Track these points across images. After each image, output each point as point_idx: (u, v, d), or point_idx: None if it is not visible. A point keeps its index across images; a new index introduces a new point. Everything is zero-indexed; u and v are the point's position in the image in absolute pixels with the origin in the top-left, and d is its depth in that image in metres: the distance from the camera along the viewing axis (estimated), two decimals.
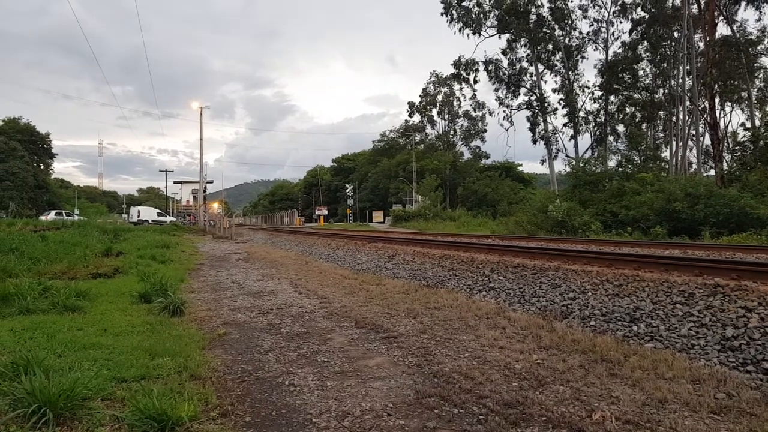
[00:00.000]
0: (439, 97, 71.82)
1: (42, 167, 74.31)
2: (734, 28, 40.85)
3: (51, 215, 45.23)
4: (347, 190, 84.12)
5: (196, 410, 3.40)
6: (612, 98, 49.62)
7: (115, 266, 11.68)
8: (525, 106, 52.66)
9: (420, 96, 73.45)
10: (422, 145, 75.89)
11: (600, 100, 50.22)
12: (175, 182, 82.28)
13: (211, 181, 71.55)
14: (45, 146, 74.40)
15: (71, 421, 3.25)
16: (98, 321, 6.26)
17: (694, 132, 42.12)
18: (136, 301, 7.78)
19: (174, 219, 59.54)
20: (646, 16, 45.23)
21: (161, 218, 55.08)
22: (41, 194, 67.21)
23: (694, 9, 37.36)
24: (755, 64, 42.96)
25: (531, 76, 52.38)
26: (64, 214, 45.57)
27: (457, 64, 55.89)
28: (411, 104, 74.26)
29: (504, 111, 54.18)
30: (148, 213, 56.87)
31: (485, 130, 67.49)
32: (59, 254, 12.32)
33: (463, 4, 50.38)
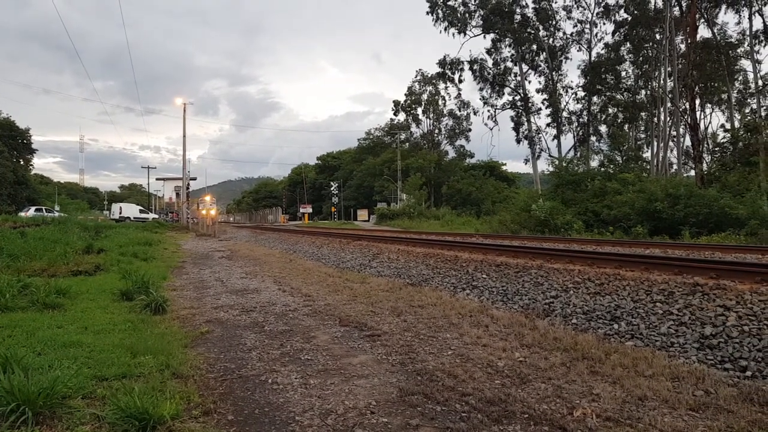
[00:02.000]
0: (425, 96, 72.04)
1: (22, 163, 73.03)
2: (715, 30, 41.44)
3: (31, 211, 44.55)
4: (332, 188, 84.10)
5: (178, 409, 3.37)
6: (595, 99, 50.11)
7: (96, 263, 11.54)
8: (509, 106, 53.04)
9: (405, 95, 73.65)
10: (407, 144, 76.10)
11: (583, 101, 50.71)
12: (157, 179, 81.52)
13: (195, 178, 70.78)
14: (25, 141, 73.15)
15: (51, 419, 3.21)
16: (79, 319, 6.19)
17: (675, 133, 42.64)
18: (117, 299, 7.70)
19: (156, 216, 59.01)
20: (629, 18, 45.68)
21: (143, 215, 54.51)
22: (21, 190, 66.07)
23: (676, 11, 37.84)
24: (735, 67, 43.57)
25: (515, 76, 52.74)
26: (44, 210, 44.89)
27: (442, 63, 55.99)
28: (396, 103, 74.39)
29: (488, 110, 54.53)
30: (130, 210, 56.21)
31: (470, 130, 67.93)
32: (39, 251, 12.15)
33: (449, 3, 50.56)
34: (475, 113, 64.39)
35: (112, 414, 3.20)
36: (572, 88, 51.97)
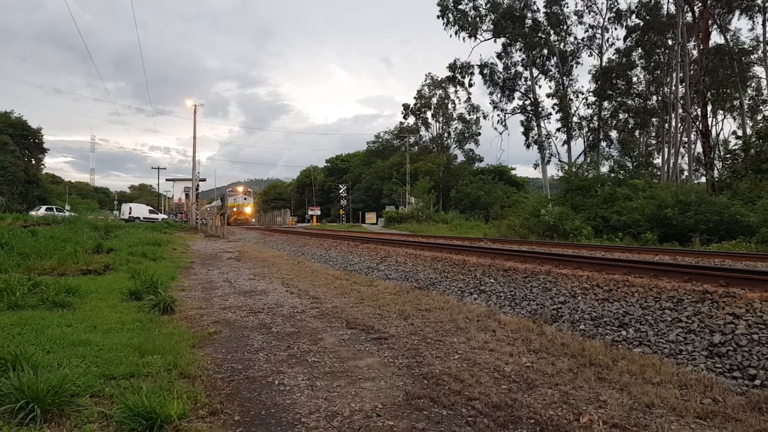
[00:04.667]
0: (434, 100, 72.10)
1: (33, 162, 73.74)
2: (728, 37, 41.30)
3: (41, 211, 44.94)
4: (340, 191, 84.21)
5: (185, 408, 3.40)
6: (605, 104, 49.94)
7: (105, 263, 11.62)
8: (519, 111, 52.96)
9: (415, 98, 73.73)
10: (416, 147, 76.07)
11: (593, 106, 50.56)
12: (167, 180, 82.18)
13: (204, 179, 71.19)
14: (36, 141, 73.85)
15: (59, 417, 3.24)
16: (88, 318, 6.23)
17: (686, 139, 42.52)
18: (126, 299, 7.75)
19: (165, 216, 59.34)
20: (641, 24, 45.59)
21: (153, 215, 54.79)
22: (32, 189, 66.68)
23: (689, 17, 37.62)
24: (748, 73, 43.39)
25: (525, 81, 52.67)
26: (54, 209, 45.24)
27: (452, 67, 56.00)
28: (406, 106, 74.45)
29: (498, 115, 54.55)
30: (140, 210, 56.52)
31: (479, 134, 67.83)
32: (49, 250, 12.24)
33: (460, 7, 50.62)
34: (484, 117, 64.37)
35: (119, 413, 3.22)
36: (583, 93, 51.92)
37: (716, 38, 40.16)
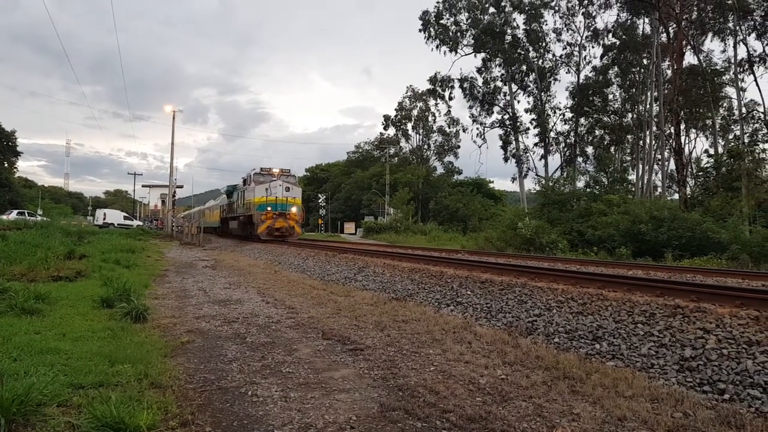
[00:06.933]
0: (415, 112, 72.64)
1: (6, 165, 72.19)
2: (701, 57, 42.31)
3: (13, 215, 43.94)
4: (320, 201, 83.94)
5: (155, 419, 3.33)
6: (582, 120, 50.81)
7: (77, 269, 11.39)
8: (498, 125, 53.55)
9: (396, 110, 74.17)
10: (396, 159, 76.41)
11: (570, 122, 51.40)
12: (143, 186, 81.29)
13: (181, 186, 70.44)
14: (10, 144, 72.38)
15: (24, 427, 3.15)
16: (57, 325, 6.09)
17: (659, 156, 43.39)
18: (97, 306, 7.59)
19: (141, 223, 58.53)
20: (617, 43, 46.56)
21: (128, 222, 54.01)
22: (4, 193, 65.18)
23: (663, 38, 38.58)
24: (720, 93, 44.48)
25: (505, 96, 53.30)
26: (26, 214, 44.29)
27: (433, 80, 56.51)
28: (386, 117, 74.88)
29: (477, 128, 55.00)
30: (115, 216, 55.67)
31: (458, 146, 68.54)
32: (19, 255, 11.97)
33: (441, 21, 51.15)
34: (464, 130, 65.06)
35: (87, 423, 3.15)
36: (560, 109, 52.73)
37: (690, 59, 41.16)
